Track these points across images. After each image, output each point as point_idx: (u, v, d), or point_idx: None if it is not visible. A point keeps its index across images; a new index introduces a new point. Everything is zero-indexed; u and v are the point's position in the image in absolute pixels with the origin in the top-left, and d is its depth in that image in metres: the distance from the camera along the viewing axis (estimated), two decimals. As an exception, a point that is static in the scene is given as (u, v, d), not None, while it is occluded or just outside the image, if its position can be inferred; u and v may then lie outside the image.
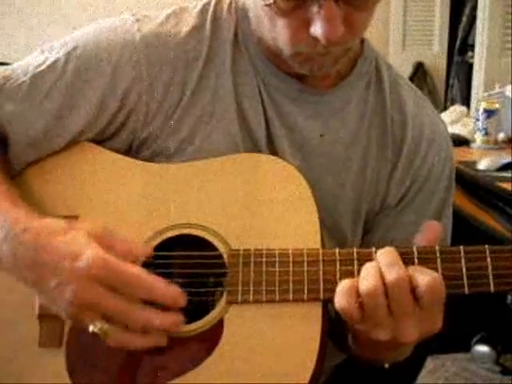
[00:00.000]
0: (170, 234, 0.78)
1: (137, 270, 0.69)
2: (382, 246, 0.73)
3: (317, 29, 0.72)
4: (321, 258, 0.73)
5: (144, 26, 0.83)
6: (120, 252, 0.71)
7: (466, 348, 2.22)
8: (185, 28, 0.84)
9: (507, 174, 1.67)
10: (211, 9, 0.86)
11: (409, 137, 0.88)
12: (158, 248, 0.77)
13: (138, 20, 0.84)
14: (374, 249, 0.73)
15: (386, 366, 0.83)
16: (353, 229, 0.88)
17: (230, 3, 0.87)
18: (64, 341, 0.76)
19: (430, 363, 2.18)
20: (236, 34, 0.85)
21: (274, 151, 0.84)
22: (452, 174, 0.93)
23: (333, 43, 0.73)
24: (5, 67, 0.85)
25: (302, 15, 0.73)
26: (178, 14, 0.86)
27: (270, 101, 0.84)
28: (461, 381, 2.17)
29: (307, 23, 0.73)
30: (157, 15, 0.86)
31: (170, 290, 0.71)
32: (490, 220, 1.47)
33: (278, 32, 0.76)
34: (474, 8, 3.16)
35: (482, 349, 2.20)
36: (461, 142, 2.29)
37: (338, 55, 0.78)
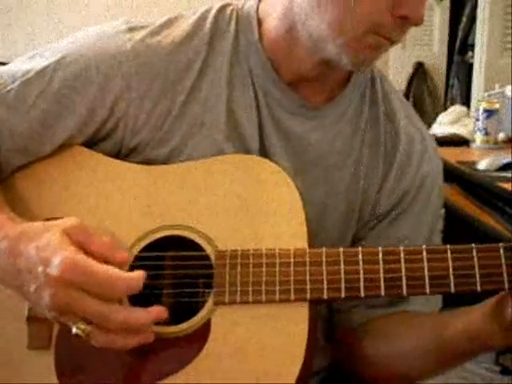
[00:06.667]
0: (158, 236, 0.78)
1: (108, 269, 0.69)
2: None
3: (408, 9, 0.74)
4: (307, 258, 0.73)
5: (135, 36, 0.82)
6: (96, 249, 0.71)
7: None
8: (178, 38, 0.83)
9: (507, 174, 1.67)
10: (210, 18, 0.85)
11: (401, 147, 0.89)
12: (146, 249, 0.78)
13: (129, 29, 0.83)
14: (360, 248, 0.73)
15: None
16: (341, 238, 0.88)
17: (232, 12, 0.86)
18: (53, 343, 0.77)
19: (430, 363, 2.17)
20: (236, 43, 0.84)
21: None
22: (441, 189, 0.94)
23: (418, 24, 0.75)
24: None
25: None
26: (172, 23, 0.85)
27: (268, 112, 0.84)
28: (461, 381, 2.17)
29: (391, 7, 0.74)
30: (150, 23, 0.85)
31: (140, 280, 0.69)
32: (490, 220, 1.47)
33: (360, 8, 0.75)
34: (474, 8, 3.15)
35: (482, 349, 2.19)
36: (461, 142, 2.29)
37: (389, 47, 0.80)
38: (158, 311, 0.70)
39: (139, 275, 0.69)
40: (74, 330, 0.68)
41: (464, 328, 0.75)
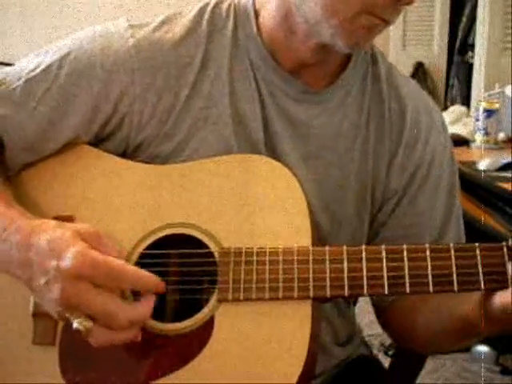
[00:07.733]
0: (162, 234, 0.78)
1: (119, 262, 0.69)
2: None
3: None
4: (311, 256, 0.73)
5: (137, 32, 0.84)
6: (106, 253, 0.71)
7: (466, 348, 2.22)
8: (179, 33, 0.84)
9: (507, 174, 1.67)
10: (207, 13, 0.86)
11: (408, 123, 0.90)
12: (150, 247, 0.78)
13: (131, 26, 0.85)
14: (363, 246, 0.74)
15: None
16: (359, 219, 0.89)
17: (229, 6, 0.87)
18: (57, 339, 0.77)
19: (430, 363, 2.18)
20: (235, 38, 0.85)
21: (274, 152, 0.85)
22: (454, 157, 0.94)
23: (411, 3, 0.76)
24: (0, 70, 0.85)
25: None
26: (172, 19, 0.86)
27: (272, 101, 0.85)
28: (461, 381, 2.17)
29: None
30: (151, 21, 0.86)
31: (151, 279, 0.71)
32: (490, 220, 1.47)
33: None
34: (474, 8, 3.16)
35: (482, 349, 2.20)
36: (461, 141, 2.28)
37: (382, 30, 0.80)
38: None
39: (153, 277, 0.71)
40: (75, 325, 0.68)
41: (461, 313, 0.77)
